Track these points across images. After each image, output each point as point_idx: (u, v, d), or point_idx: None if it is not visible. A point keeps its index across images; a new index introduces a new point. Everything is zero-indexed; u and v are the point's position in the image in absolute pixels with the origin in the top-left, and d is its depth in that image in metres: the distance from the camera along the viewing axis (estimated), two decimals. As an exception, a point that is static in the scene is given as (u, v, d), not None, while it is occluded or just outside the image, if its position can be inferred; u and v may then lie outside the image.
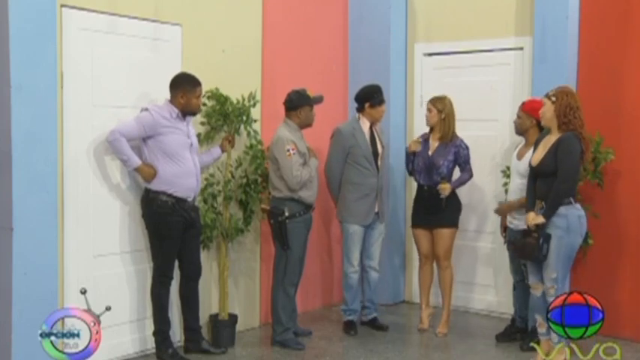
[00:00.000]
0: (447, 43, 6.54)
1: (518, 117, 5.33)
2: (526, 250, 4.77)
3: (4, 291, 4.20)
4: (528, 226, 4.77)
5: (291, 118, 5.37)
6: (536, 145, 4.92)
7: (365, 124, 5.77)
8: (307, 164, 5.35)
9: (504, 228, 5.52)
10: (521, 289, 5.46)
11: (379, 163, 5.80)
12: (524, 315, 5.49)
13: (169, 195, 4.80)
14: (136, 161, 4.73)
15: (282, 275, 5.36)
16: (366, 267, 5.91)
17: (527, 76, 6.02)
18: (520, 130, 5.34)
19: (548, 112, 4.74)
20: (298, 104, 5.34)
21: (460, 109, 5.90)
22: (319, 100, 5.43)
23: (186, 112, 4.91)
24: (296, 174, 5.20)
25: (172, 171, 4.80)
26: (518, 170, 5.24)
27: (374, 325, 5.98)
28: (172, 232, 4.84)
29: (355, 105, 5.81)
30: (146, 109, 4.80)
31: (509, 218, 5.39)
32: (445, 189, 5.59)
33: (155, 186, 4.79)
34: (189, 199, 4.93)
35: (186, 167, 4.86)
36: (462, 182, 5.75)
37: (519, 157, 5.31)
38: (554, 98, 4.72)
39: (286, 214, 5.24)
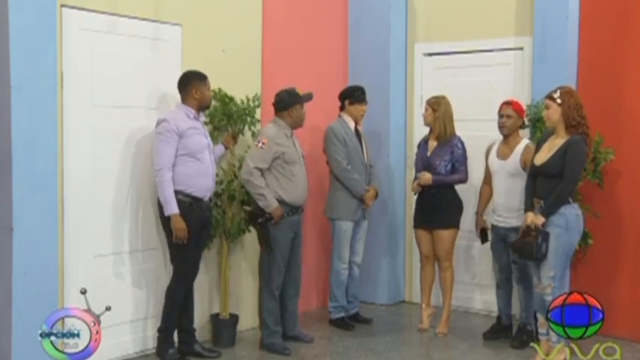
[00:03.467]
0: (447, 43, 6.54)
1: (508, 117, 5.32)
2: (525, 250, 4.76)
3: (4, 291, 4.20)
4: (527, 226, 4.77)
5: (282, 118, 5.31)
6: (539, 145, 4.92)
7: (350, 123, 5.85)
8: (290, 166, 5.24)
9: (481, 229, 5.62)
10: (505, 288, 5.57)
11: (366, 160, 5.88)
12: (509, 312, 5.62)
13: (187, 195, 4.79)
14: (175, 209, 4.70)
15: (268, 278, 5.27)
16: (351, 263, 5.97)
17: (527, 76, 6.03)
18: (510, 130, 5.33)
19: (554, 114, 4.73)
20: (289, 104, 5.29)
21: (460, 109, 5.91)
22: (309, 97, 5.39)
23: (203, 106, 4.94)
24: (250, 164, 5.10)
25: (191, 171, 4.79)
26: (508, 170, 5.27)
27: (357, 319, 6.05)
28: (191, 232, 4.82)
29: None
30: (164, 120, 4.76)
31: (495, 216, 5.42)
32: (422, 177, 5.59)
33: (173, 186, 4.77)
34: (205, 199, 4.92)
35: (204, 167, 4.86)
36: (447, 181, 5.62)
37: (503, 157, 5.33)
38: (559, 100, 4.70)
39: (267, 215, 5.14)
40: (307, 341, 5.53)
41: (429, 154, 5.71)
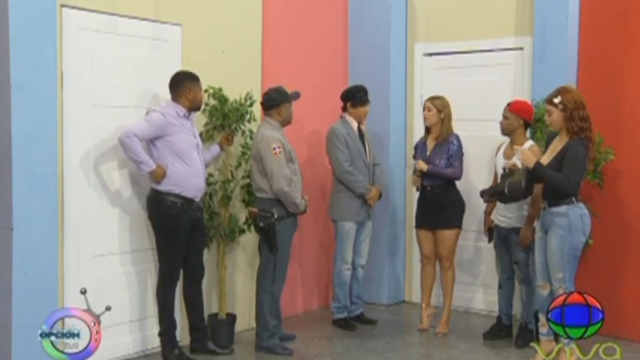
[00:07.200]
0: (447, 43, 6.54)
1: (505, 117, 5.34)
2: (512, 191, 4.82)
3: (4, 291, 4.20)
4: (504, 168, 4.89)
5: (272, 116, 5.26)
6: (547, 145, 4.91)
7: (353, 124, 5.84)
8: (294, 164, 5.25)
9: (488, 228, 5.63)
10: (507, 288, 5.59)
11: (368, 161, 5.86)
12: (509, 313, 5.63)
13: (177, 195, 4.79)
14: (152, 164, 4.69)
15: (270, 280, 5.23)
16: (355, 264, 5.97)
17: (527, 76, 6.03)
18: (507, 131, 5.36)
19: (558, 120, 4.68)
20: (279, 102, 5.25)
21: (460, 109, 5.91)
22: (297, 95, 5.38)
23: (194, 107, 4.93)
24: (285, 174, 5.10)
25: (181, 171, 4.79)
26: None
27: (361, 320, 6.06)
28: (181, 233, 4.83)
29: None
30: (154, 110, 4.78)
31: (498, 216, 5.43)
32: (418, 164, 5.61)
33: (164, 186, 4.77)
34: (197, 200, 4.92)
35: (194, 167, 4.85)
36: (441, 172, 5.60)
37: (507, 157, 5.34)
38: (561, 106, 4.66)
39: (276, 215, 5.11)
40: (292, 339, 5.52)
41: (428, 154, 5.71)
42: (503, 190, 4.93)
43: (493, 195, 5.07)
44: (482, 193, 5.21)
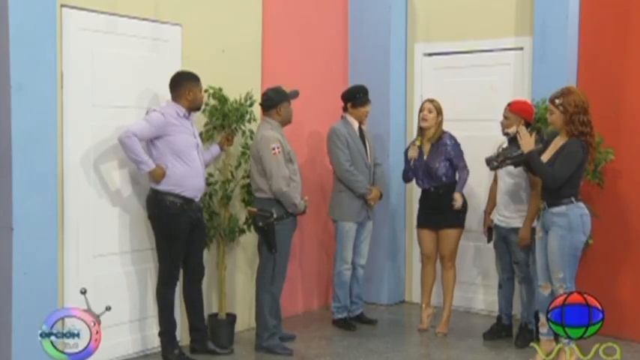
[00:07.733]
0: (447, 43, 6.55)
1: (506, 118, 5.35)
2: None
3: (4, 291, 4.20)
4: (507, 132, 5.10)
5: (271, 116, 5.26)
6: (547, 144, 4.92)
7: (354, 124, 5.85)
8: (293, 165, 5.25)
9: (488, 227, 5.64)
10: (507, 288, 5.60)
11: (369, 161, 5.87)
12: (509, 313, 5.64)
13: (177, 195, 4.79)
14: (151, 164, 4.69)
15: (270, 280, 5.23)
16: (355, 264, 5.97)
17: (527, 76, 6.03)
18: (508, 131, 5.36)
19: (558, 120, 4.70)
20: (277, 101, 5.25)
21: (460, 109, 5.91)
22: (296, 94, 5.37)
23: (194, 107, 4.93)
24: (284, 174, 5.10)
25: (181, 171, 4.79)
26: (509, 170, 5.28)
27: (362, 320, 6.06)
28: (181, 233, 4.84)
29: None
30: (154, 110, 4.79)
31: (497, 216, 5.44)
32: (457, 200, 5.64)
33: (163, 186, 4.77)
34: (196, 200, 4.92)
35: (194, 167, 4.85)
36: (464, 183, 5.69)
37: None
38: (561, 108, 4.67)
39: (275, 215, 5.11)
40: (292, 339, 5.52)
41: (425, 157, 5.71)
42: (512, 155, 4.85)
43: (505, 159, 4.94)
44: (490, 160, 5.04)
